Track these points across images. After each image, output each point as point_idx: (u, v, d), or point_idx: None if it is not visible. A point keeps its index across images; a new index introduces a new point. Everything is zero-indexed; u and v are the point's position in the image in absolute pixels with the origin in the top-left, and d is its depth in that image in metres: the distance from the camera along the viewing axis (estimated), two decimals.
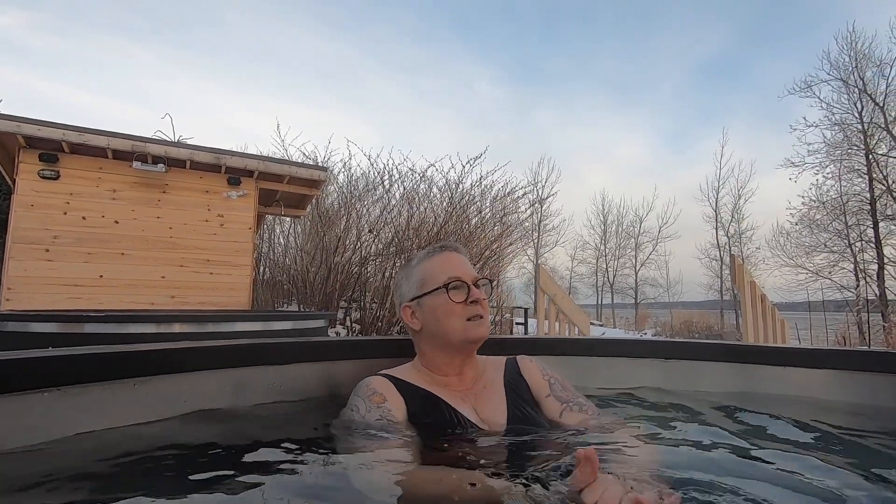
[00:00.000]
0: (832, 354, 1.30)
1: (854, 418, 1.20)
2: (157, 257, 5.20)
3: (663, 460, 0.82)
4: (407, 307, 1.14)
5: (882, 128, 14.53)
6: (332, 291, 8.23)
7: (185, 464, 0.83)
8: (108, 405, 0.93)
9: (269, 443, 0.89)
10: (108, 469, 0.80)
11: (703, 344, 1.50)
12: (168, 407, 1.00)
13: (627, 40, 41.50)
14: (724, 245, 22.47)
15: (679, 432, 1.06)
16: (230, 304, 5.45)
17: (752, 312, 4.36)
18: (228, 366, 1.07)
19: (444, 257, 1.15)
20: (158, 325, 3.15)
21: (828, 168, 15.97)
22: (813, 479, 0.74)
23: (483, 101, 46.02)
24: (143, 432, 0.94)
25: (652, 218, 27.04)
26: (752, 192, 22.33)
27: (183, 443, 0.91)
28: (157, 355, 0.99)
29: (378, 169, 9.14)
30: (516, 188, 9.55)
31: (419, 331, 1.13)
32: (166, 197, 5.32)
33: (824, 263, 15.97)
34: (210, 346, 1.05)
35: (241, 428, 1.02)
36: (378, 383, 1.07)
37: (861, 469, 0.81)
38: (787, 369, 1.30)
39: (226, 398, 1.07)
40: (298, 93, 46.21)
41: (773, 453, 0.90)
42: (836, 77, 15.82)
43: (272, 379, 1.14)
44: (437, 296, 1.10)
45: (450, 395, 1.09)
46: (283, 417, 1.11)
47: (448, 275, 1.11)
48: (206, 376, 1.04)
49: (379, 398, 1.04)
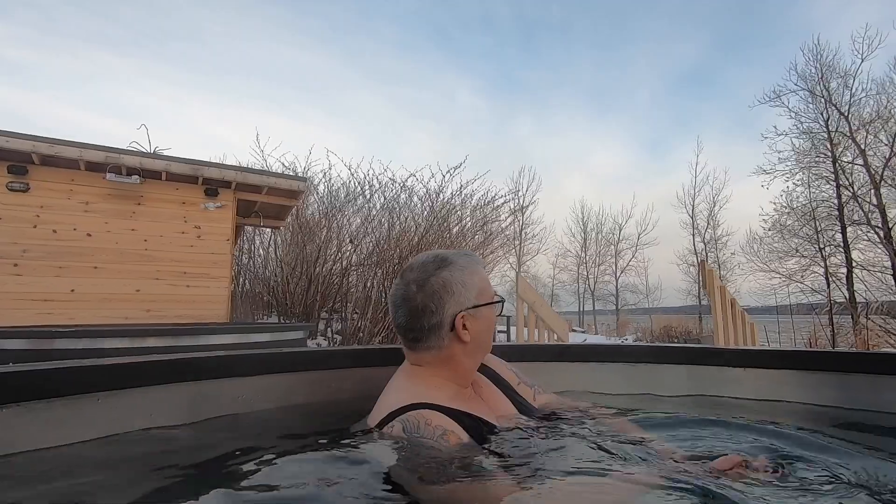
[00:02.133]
0: (780, 355, 1.37)
1: (804, 415, 1.26)
2: (132, 270, 5.11)
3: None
4: (463, 315, 1.03)
5: (847, 136, 15.09)
6: (313, 303, 8.18)
7: (152, 478, 0.84)
8: (72, 420, 0.93)
9: (237, 455, 0.90)
10: (71, 485, 0.81)
11: (662, 347, 1.55)
12: (134, 420, 1.00)
13: (604, 52, 42.44)
14: (700, 251, 22.96)
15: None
16: (208, 318, 5.38)
17: (722, 317, 4.49)
18: (194, 378, 1.08)
19: (481, 268, 1.13)
20: (132, 340, 3.11)
21: (797, 175, 16.52)
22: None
23: (463, 111, 46.46)
24: (108, 446, 0.94)
25: (631, 225, 27.59)
26: (727, 198, 22.93)
27: (149, 456, 0.92)
28: (120, 369, 1.00)
29: (359, 179, 9.17)
30: (497, 197, 9.66)
31: (466, 342, 1.04)
32: (141, 209, 5.25)
33: (796, 268, 16.43)
34: (175, 359, 1.05)
35: (207, 440, 1.03)
36: (441, 420, 0.93)
37: (813, 465, 0.86)
38: (744, 370, 1.36)
39: (191, 411, 1.08)
40: (278, 104, 45.94)
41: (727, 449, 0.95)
42: (803, 87, 16.42)
43: (239, 391, 1.15)
44: (492, 309, 1.10)
45: (470, 404, 1.04)
46: (253, 429, 1.11)
47: (492, 289, 1.11)
48: (171, 389, 1.05)
49: (454, 438, 0.91)
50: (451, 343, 1.03)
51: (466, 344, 1.04)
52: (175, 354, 1.09)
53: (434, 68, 45.51)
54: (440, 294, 1.03)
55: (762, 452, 0.86)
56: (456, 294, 1.03)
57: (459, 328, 1.02)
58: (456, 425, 0.93)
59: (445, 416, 0.93)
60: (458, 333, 1.02)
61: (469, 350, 1.06)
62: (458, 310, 1.03)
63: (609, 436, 1.00)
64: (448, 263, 1.07)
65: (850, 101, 15.22)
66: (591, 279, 27.75)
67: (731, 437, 1.00)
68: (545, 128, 46.01)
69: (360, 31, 43.14)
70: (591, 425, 1.08)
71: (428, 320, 1.03)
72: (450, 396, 1.01)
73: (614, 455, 0.89)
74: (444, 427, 0.91)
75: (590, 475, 0.82)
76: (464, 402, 1.02)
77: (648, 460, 0.87)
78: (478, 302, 1.05)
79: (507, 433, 0.99)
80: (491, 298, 1.10)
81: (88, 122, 39.67)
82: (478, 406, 1.04)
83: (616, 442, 0.96)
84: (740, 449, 0.91)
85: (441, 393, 1.01)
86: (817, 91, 16.07)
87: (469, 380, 1.10)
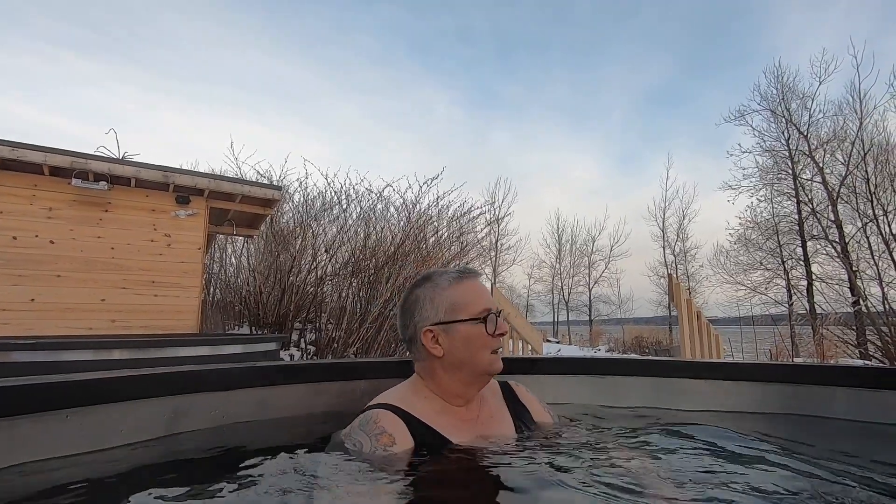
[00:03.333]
0: (738, 367, 1.44)
1: (760, 425, 1.32)
2: (97, 279, 4.95)
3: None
4: (429, 331, 1.07)
5: (806, 154, 15.83)
6: (287, 313, 8.05)
7: (123, 496, 0.83)
8: (40, 437, 0.91)
9: (211, 472, 0.90)
10: (38, 501, 0.79)
11: (625, 360, 1.61)
12: (104, 437, 0.98)
13: (578, 67, 43.56)
14: (670, 263, 23.60)
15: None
16: (177, 328, 5.24)
17: (688, 328, 4.63)
18: (166, 393, 1.07)
19: (477, 285, 1.11)
20: (96, 352, 3.01)
21: (761, 191, 17.25)
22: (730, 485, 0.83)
23: (440, 123, 46.79)
24: (78, 464, 0.92)
25: (604, 237, 28.17)
26: (696, 212, 23.74)
27: (121, 473, 0.91)
28: (89, 385, 0.98)
29: (335, 188, 9.12)
30: (473, 208, 9.73)
31: (440, 357, 1.06)
32: (109, 216, 5.10)
33: (760, 280, 17.07)
34: (146, 374, 1.04)
35: (182, 457, 1.02)
36: (388, 421, 0.98)
37: (767, 474, 0.91)
38: (703, 382, 1.42)
39: (164, 426, 1.06)
40: (253, 112, 45.37)
41: (688, 462, 0.99)
42: (765, 108, 17.22)
43: (213, 406, 1.14)
44: (474, 326, 1.06)
45: (457, 427, 1.04)
46: (227, 446, 1.11)
47: (484, 305, 1.07)
48: (142, 405, 1.04)
49: (388, 439, 0.95)
50: (427, 356, 1.08)
51: (441, 358, 1.06)
52: (147, 369, 1.08)
53: (411, 79, 45.78)
54: (410, 310, 1.11)
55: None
56: (421, 310, 1.09)
57: (428, 342, 1.07)
58: (402, 431, 0.97)
59: (399, 421, 0.98)
60: (429, 348, 1.07)
61: (446, 365, 1.07)
62: (423, 325, 1.07)
63: (584, 469, 0.90)
64: (425, 280, 1.13)
65: (808, 122, 16.02)
66: (566, 290, 28.14)
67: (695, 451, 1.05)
68: (521, 141, 46.76)
69: (338, 41, 43.18)
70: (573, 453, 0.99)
71: (404, 333, 1.13)
72: (434, 409, 1.05)
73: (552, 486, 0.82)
74: (385, 429, 0.97)
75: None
76: (449, 419, 1.04)
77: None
78: (447, 318, 1.06)
79: (463, 454, 0.97)
80: (472, 315, 1.06)
81: (55, 125, 38.34)
82: (465, 432, 1.04)
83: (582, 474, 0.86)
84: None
85: (423, 403, 1.06)
86: (779, 111, 16.87)
87: (459, 397, 1.08)
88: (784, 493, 0.77)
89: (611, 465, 0.92)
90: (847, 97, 14.64)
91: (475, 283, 1.12)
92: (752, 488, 0.79)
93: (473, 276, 1.13)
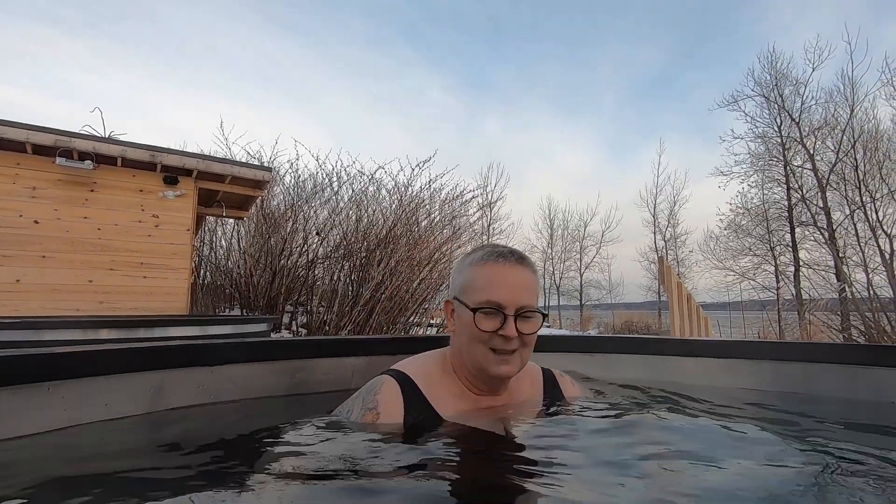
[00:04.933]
0: (724, 345, 1.45)
1: (749, 399, 1.34)
2: (84, 260, 4.88)
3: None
4: (448, 303, 1.03)
5: (797, 141, 15.89)
6: (278, 295, 8.03)
7: (108, 469, 0.82)
8: (19, 412, 0.89)
9: (198, 446, 0.89)
10: (21, 477, 0.77)
11: (618, 338, 1.61)
12: (86, 411, 0.97)
13: (571, 53, 43.20)
14: (661, 248, 23.76)
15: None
16: (166, 310, 5.19)
17: (678, 311, 4.68)
18: (150, 368, 1.05)
19: (497, 269, 0.96)
20: (84, 332, 2.98)
21: (752, 177, 17.32)
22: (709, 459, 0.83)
23: (433, 106, 46.30)
24: (59, 437, 0.91)
25: (596, 222, 28.23)
26: (687, 198, 23.81)
27: (107, 448, 0.89)
28: (72, 358, 0.96)
29: (326, 171, 9.04)
30: (466, 192, 9.69)
31: (454, 333, 1.02)
32: (95, 196, 5.01)
33: (749, 266, 17.26)
34: (129, 349, 1.03)
35: (165, 431, 1.01)
36: (386, 395, 0.93)
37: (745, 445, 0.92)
38: (687, 359, 1.44)
39: (148, 402, 1.05)
40: (243, 93, 44.59)
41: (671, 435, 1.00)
42: (758, 93, 17.19)
43: (199, 381, 1.13)
44: (469, 313, 0.95)
45: (469, 413, 0.96)
46: (211, 420, 1.10)
47: (488, 296, 0.94)
48: (126, 379, 1.02)
49: (373, 416, 0.91)
50: (450, 328, 1.04)
51: (454, 335, 1.02)
52: (131, 344, 1.06)
53: (404, 63, 45.15)
54: (453, 273, 1.08)
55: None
56: (452, 278, 1.06)
57: (447, 314, 1.03)
58: (395, 410, 0.91)
59: (398, 398, 0.93)
60: (446, 320, 1.04)
61: (455, 345, 1.01)
62: (449, 295, 1.05)
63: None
64: (472, 250, 1.06)
65: (801, 108, 16.04)
66: (557, 275, 28.30)
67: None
68: (514, 126, 46.52)
69: (329, 23, 42.31)
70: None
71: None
72: (451, 392, 0.98)
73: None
74: (377, 405, 0.92)
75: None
76: (465, 403, 0.98)
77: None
78: (459, 296, 1.00)
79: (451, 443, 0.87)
80: (474, 302, 0.95)
81: (38, 104, 37.43)
82: (483, 419, 0.96)
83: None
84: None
85: (442, 379, 0.99)
86: (772, 97, 16.86)
87: (472, 383, 0.99)
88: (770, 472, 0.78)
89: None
90: (839, 84, 14.71)
91: (502, 268, 0.97)
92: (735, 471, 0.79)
93: (503, 261, 0.98)
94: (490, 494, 0.68)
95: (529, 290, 0.97)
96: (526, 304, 0.95)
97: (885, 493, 0.65)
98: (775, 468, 0.77)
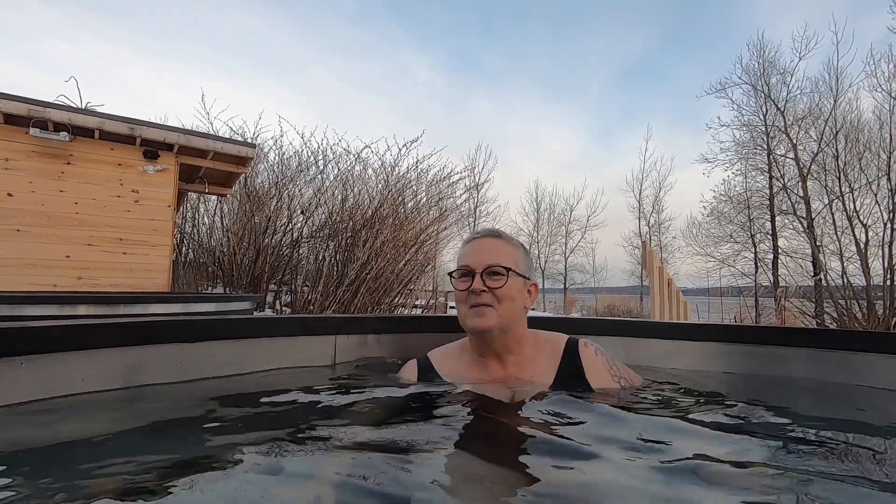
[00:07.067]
0: (702, 328, 1.49)
1: (723, 382, 1.38)
2: (61, 235, 4.77)
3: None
4: (452, 277, 1.19)
5: (781, 131, 16.05)
6: (261, 274, 7.97)
7: (77, 445, 0.82)
8: None
9: (170, 422, 0.89)
10: None
11: (593, 320, 1.64)
12: (60, 386, 0.96)
13: (559, 41, 42.75)
14: (645, 234, 24.03)
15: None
16: (147, 287, 5.12)
17: (659, 294, 4.77)
18: (127, 343, 1.04)
19: (475, 244, 1.17)
20: (60, 308, 2.93)
21: (736, 165, 17.51)
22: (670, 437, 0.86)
23: (420, 87, 45.66)
24: (31, 412, 0.90)
25: (581, 207, 28.35)
26: (672, 185, 24.10)
27: (81, 423, 0.89)
28: (46, 332, 0.95)
29: (312, 149, 8.91)
30: (453, 173, 9.64)
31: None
32: (71, 169, 4.87)
33: (729, 252, 17.57)
34: (105, 323, 1.01)
35: (142, 407, 1.00)
36: (406, 372, 1.19)
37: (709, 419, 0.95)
38: (672, 342, 1.47)
39: (124, 377, 1.04)
40: (226, 67, 43.38)
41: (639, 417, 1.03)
42: (746, 82, 17.26)
43: (177, 358, 1.12)
44: (453, 280, 1.16)
45: (479, 380, 1.12)
46: (189, 398, 1.10)
47: (462, 262, 1.15)
48: (102, 354, 1.01)
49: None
50: None
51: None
52: (107, 318, 1.05)
53: (392, 42, 44.22)
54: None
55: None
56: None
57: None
58: (411, 374, 1.17)
59: (414, 371, 1.18)
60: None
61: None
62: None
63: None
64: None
65: (786, 98, 16.16)
66: (543, 258, 28.50)
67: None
68: (502, 109, 46.14)
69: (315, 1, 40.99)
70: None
71: None
72: (464, 361, 1.18)
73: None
74: (400, 376, 1.19)
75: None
76: (477, 373, 1.15)
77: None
78: (454, 267, 1.18)
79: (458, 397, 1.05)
80: (456, 270, 1.16)
81: (12, 76, 35.94)
82: (480, 377, 1.13)
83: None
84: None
85: (460, 355, 1.20)
86: (759, 86, 16.95)
87: (484, 353, 1.15)
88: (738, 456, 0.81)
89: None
90: (824, 74, 14.79)
91: (474, 242, 1.17)
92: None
93: (478, 237, 1.18)
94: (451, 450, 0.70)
95: (496, 252, 1.13)
96: (491, 262, 1.11)
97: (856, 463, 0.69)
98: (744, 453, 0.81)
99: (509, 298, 1.10)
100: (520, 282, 1.13)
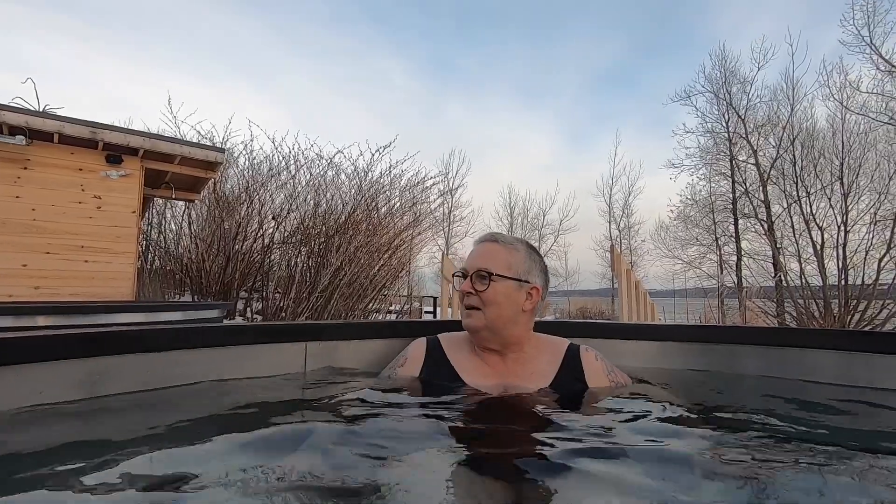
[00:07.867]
0: (664, 329, 1.55)
1: (683, 379, 1.43)
2: (17, 242, 4.57)
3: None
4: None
5: (743, 137, 16.70)
6: (232, 281, 7.80)
7: (32, 459, 0.79)
8: None
9: (132, 435, 0.88)
10: None
11: (568, 322, 1.68)
12: (16, 400, 0.93)
13: (534, 47, 43.38)
14: (615, 238, 24.58)
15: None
16: (111, 296, 4.95)
17: (627, 296, 4.89)
18: (87, 354, 1.02)
19: (474, 248, 1.25)
20: (17, 318, 2.81)
21: (700, 170, 18.14)
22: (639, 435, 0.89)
23: (394, 91, 45.40)
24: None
25: (554, 211, 28.72)
26: (641, 189, 24.66)
27: (38, 438, 0.86)
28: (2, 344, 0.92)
29: (283, 153, 8.77)
30: (427, 178, 9.66)
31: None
32: (28, 174, 4.68)
33: (695, 255, 18.14)
34: (64, 334, 0.99)
35: (103, 419, 0.98)
36: (414, 348, 1.26)
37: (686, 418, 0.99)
38: (635, 342, 1.52)
39: (85, 389, 1.01)
40: (194, 69, 42.18)
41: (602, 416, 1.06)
42: (709, 90, 17.92)
43: (141, 368, 1.10)
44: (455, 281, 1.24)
45: (479, 371, 1.18)
46: (153, 409, 1.08)
47: (461, 266, 1.23)
48: (61, 366, 0.98)
49: (402, 360, 1.24)
50: None
51: None
52: (66, 329, 1.02)
53: (366, 46, 43.95)
54: None
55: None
56: None
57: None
58: (416, 360, 1.22)
59: (422, 350, 1.24)
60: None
61: None
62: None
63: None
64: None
65: (746, 106, 16.85)
66: None
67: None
68: (476, 113, 46.39)
69: (288, 2, 40.56)
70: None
71: None
72: (469, 350, 1.23)
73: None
74: (408, 352, 1.25)
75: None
76: (476, 363, 1.20)
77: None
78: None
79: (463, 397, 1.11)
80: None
81: None
82: (487, 377, 1.17)
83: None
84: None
85: (466, 344, 1.25)
86: (721, 94, 17.62)
87: (478, 344, 1.21)
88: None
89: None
90: (781, 83, 15.49)
91: (476, 245, 1.25)
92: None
93: (479, 241, 1.26)
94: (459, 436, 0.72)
95: (486, 257, 1.19)
96: (479, 267, 1.17)
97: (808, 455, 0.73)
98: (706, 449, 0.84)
99: (494, 303, 1.14)
100: (509, 285, 1.16)
